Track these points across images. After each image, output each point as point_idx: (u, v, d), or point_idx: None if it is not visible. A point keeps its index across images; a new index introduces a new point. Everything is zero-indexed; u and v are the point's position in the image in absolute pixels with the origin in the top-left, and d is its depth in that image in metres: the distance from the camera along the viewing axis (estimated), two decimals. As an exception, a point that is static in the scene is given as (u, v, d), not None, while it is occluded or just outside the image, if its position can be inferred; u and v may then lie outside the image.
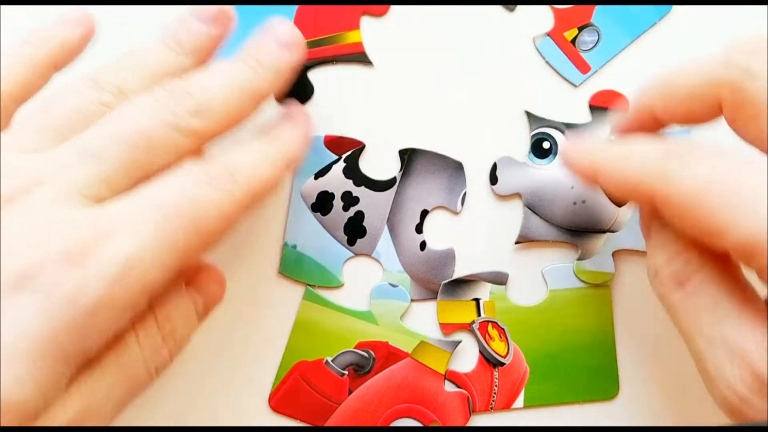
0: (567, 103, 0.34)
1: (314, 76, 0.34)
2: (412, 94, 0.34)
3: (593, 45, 0.34)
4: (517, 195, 0.33)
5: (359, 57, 0.34)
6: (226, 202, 0.24)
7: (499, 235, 0.34)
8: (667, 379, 0.33)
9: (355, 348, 0.33)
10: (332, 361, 0.33)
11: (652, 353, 0.33)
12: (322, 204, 0.33)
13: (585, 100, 0.34)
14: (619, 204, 0.33)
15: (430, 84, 0.34)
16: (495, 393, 0.33)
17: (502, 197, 0.34)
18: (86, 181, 0.23)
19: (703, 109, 0.25)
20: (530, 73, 0.34)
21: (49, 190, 0.23)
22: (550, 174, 0.33)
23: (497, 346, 0.33)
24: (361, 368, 0.33)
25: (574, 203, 0.33)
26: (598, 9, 0.34)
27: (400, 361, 0.33)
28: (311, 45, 0.34)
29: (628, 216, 0.33)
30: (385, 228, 0.33)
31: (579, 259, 0.33)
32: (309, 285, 0.33)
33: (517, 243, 0.33)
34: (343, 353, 0.33)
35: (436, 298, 0.33)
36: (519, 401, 0.33)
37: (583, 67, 0.34)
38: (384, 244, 0.33)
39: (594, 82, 0.34)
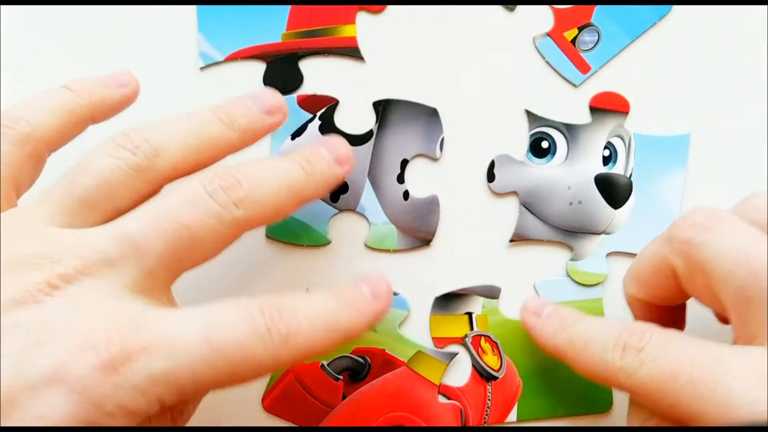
0: (567, 103, 0.34)
1: (305, 65, 0.34)
2: (404, 93, 0.34)
3: (593, 45, 0.34)
4: (514, 193, 0.33)
5: (352, 51, 0.34)
6: (268, 362, 0.23)
7: (493, 234, 0.33)
8: None
9: (351, 353, 0.32)
10: (328, 365, 0.32)
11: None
12: None
13: (585, 100, 0.34)
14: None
15: (427, 83, 0.34)
16: (488, 407, 0.32)
17: (499, 195, 0.33)
18: (131, 276, 0.23)
19: (669, 282, 0.27)
20: (530, 73, 0.34)
21: (96, 282, 0.23)
22: (547, 173, 0.33)
23: (490, 360, 0.32)
24: (356, 374, 0.32)
25: (570, 204, 0.33)
26: (598, 9, 0.34)
27: (396, 369, 0.32)
28: (305, 35, 0.34)
29: (624, 218, 0.33)
30: (367, 181, 0.33)
31: (572, 259, 0.33)
32: (297, 245, 0.32)
33: (511, 241, 0.33)
34: (339, 358, 0.32)
35: (423, 246, 0.33)
36: (512, 415, 0.32)
37: (583, 67, 0.34)
38: (367, 197, 0.33)
39: (594, 82, 0.34)
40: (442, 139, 0.33)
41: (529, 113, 0.33)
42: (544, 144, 0.33)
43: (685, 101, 0.34)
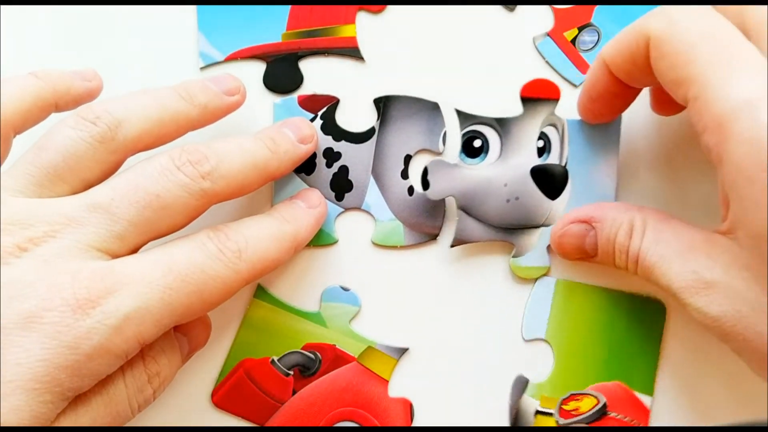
0: (567, 103, 0.33)
1: (305, 65, 0.34)
2: (404, 93, 0.33)
3: (593, 45, 0.33)
4: (451, 198, 0.32)
5: (352, 51, 0.34)
6: (230, 278, 0.26)
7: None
8: (702, 397, 0.32)
9: (302, 349, 0.32)
10: (278, 360, 0.32)
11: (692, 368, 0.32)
12: (305, 164, 0.32)
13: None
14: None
15: (426, 83, 0.33)
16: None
17: (436, 202, 0.33)
18: (99, 237, 0.25)
19: (639, 56, 0.27)
20: (530, 73, 0.33)
21: (63, 242, 0.24)
22: (482, 174, 0.32)
23: (586, 405, 0.32)
24: (306, 369, 0.32)
25: (508, 201, 0.32)
26: (598, 9, 0.33)
27: (347, 364, 0.32)
28: (305, 35, 0.34)
29: (561, 208, 0.32)
30: (371, 179, 0.33)
31: (515, 256, 0.32)
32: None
33: (452, 246, 0.32)
34: (289, 353, 0.32)
35: (430, 240, 0.33)
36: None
37: (583, 67, 0.33)
38: (372, 195, 0.33)
39: (594, 82, 0.33)
40: (445, 133, 0.33)
41: (458, 112, 0.33)
42: (477, 143, 0.32)
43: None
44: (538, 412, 0.32)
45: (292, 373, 0.32)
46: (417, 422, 0.32)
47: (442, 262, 0.33)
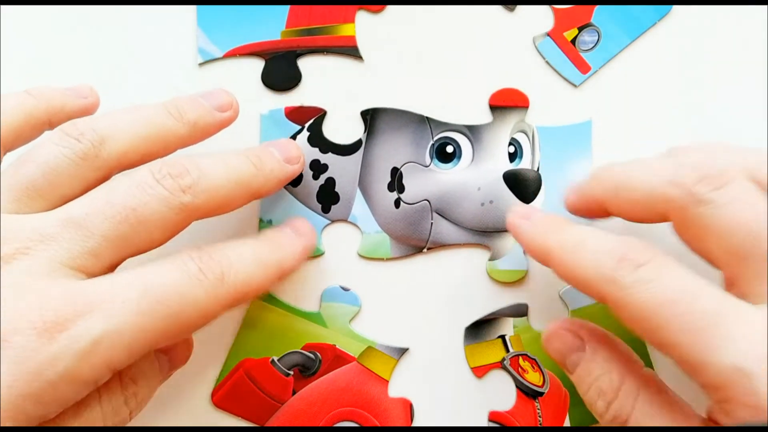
0: (567, 103, 0.33)
1: (303, 64, 0.33)
2: (402, 92, 0.33)
3: (593, 45, 0.33)
4: (426, 201, 0.32)
5: (351, 50, 0.34)
6: (210, 303, 0.24)
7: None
8: None
9: (302, 349, 0.32)
10: (278, 360, 0.32)
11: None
12: None
13: (585, 100, 0.33)
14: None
15: (425, 83, 0.33)
16: (540, 423, 0.32)
17: (411, 205, 0.33)
18: (72, 254, 0.23)
19: (651, 216, 0.26)
20: (530, 73, 0.33)
21: (34, 260, 0.23)
22: (455, 178, 0.32)
23: (532, 378, 0.32)
24: (306, 369, 0.32)
25: (482, 204, 0.32)
26: (598, 9, 0.33)
27: (346, 364, 0.32)
28: (304, 33, 0.33)
29: None
30: (358, 191, 0.33)
31: (491, 259, 0.32)
32: None
33: (428, 249, 0.32)
34: (289, 353, 0.32)
35: (416, 253, 0.33)
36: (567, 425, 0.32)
37: (583, 67, 0.33)
38: (359, 207, 0.33)
39: (594, 82, 0.34)
40: (432, 146, 0.33)
41: (429, 119, 0.33)
42: (449, 148, 0.33)
43: (685, 102, 0.33)
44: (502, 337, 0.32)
45: (292, 373, 0.32)
46: (417, 422, 0.32)
47: (427, 274, 0.33)
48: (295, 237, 0.29)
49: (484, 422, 0.32)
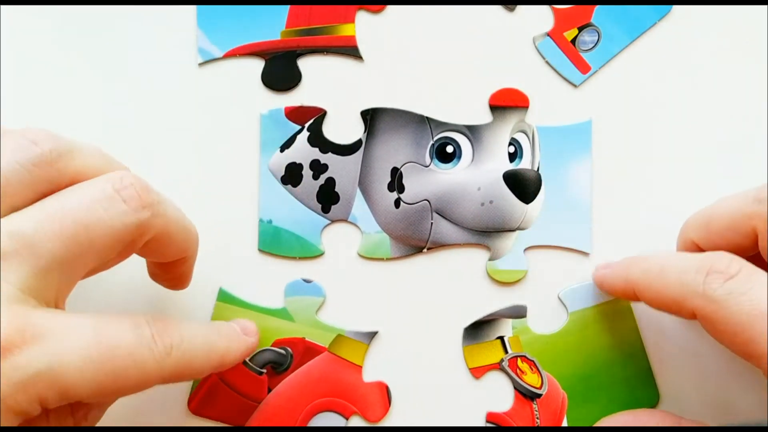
0: (567, 103, 0.33)
1: (303, 64, 0.33)
2: (402, 92, 0.33)
3: (593, 45, 0.33)
4: (426, 201, 0.32)
5: (351, 50, 0.33)
6: (153, 371, 0.24)
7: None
8: (702, 374, 0.32)
9: (272, 346, 0.32)
10: (250, 360, 0.32)
11: (681, 353, 0.32)
12: (291, 176, 0.32)
13: (585, 100, 0.33)
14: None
15: (425, 83, 0.33)
16: (538, 425, 0.32)
17: (411, 205, 0.32)
18: (20, 276, 0.22)
19: (741, 239, 0.26)
20: (530, 73, 0.33)
21: None
22: (455, 178, 0.32)
23: (530, 379, 0.32)
24: (279, 366, 0.32)
25: (482, 204, 0.32)
26: (598, 9, 0.33)
27: (318, 355, 0.32)
28: (305, 33, 0.33)
29: (536, 212, 0.32)
30: (358, 191, 0.33)
31: (491, 259, 0.32)
32: (291, 257, 0.32)
33: (428, 249, 0.32)
34: (260, 352, 0.32)
35: (416, 253, 0.33)
36: (563, 429, 0.32)
37: (583, 67, 0.33)
38: (359, 207, 0.33)
39: (594, 82, 0.33)
40: (432, 146, 0.33)
41: (429, 119, 0.33)
42: (449, 149, 0.33)
43: (685, 101, 0.33)
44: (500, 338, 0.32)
45: (265, 371, 0.32)
46: (395, 404, 0.32)
47: (427, 274, 0.33)
48: (242, 335, 0.29)
49: (481, 423, 0.31)
